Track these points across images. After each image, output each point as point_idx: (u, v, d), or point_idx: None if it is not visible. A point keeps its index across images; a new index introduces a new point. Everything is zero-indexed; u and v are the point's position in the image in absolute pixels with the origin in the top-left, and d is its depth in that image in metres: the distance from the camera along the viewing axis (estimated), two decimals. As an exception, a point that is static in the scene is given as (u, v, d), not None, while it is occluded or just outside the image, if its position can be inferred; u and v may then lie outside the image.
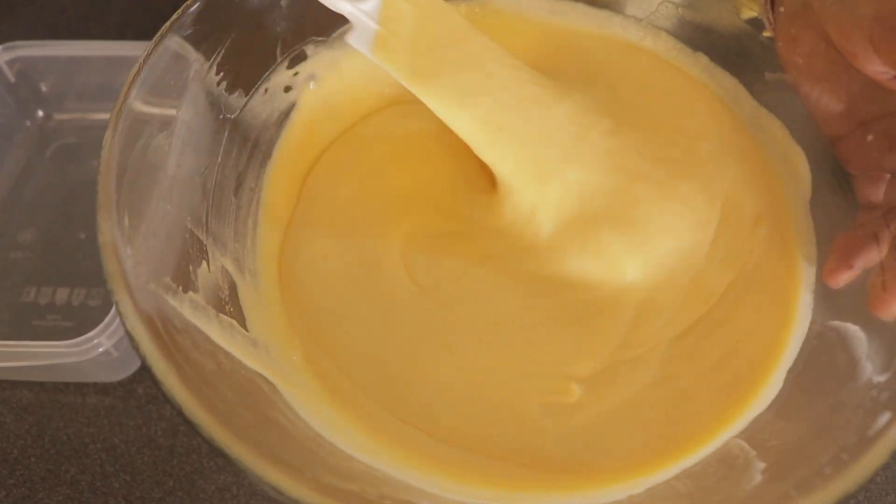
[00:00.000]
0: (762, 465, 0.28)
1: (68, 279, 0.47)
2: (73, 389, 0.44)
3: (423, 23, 0.35)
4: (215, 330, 0.31)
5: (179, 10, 0.35)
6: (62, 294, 0.47)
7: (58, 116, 0.55)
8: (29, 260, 0.49)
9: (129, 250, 0.28)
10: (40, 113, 0.55)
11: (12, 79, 0.52)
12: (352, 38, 0.34)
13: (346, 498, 0.24)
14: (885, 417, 0.26)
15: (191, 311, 0.30)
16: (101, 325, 0.40)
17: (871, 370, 0.29)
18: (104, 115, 0.54)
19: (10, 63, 0.51)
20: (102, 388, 0.44)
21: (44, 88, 0.54)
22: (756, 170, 0.38)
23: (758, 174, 0.38)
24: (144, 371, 0.43)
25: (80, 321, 0.46)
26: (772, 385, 0.32)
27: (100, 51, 0.51)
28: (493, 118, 0.35)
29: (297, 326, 0.35)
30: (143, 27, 0.60)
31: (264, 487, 0.24)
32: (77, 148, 0.54)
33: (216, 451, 0.24)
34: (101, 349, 0.40)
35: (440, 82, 0.35)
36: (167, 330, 0.27)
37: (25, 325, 0.46)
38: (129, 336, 0.26)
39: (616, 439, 0.32)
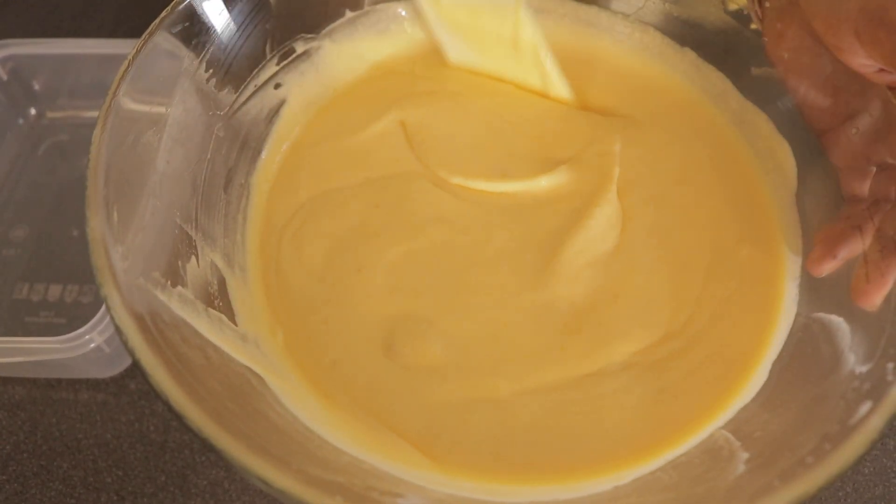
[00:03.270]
0: (746, 455, 0.28)
1: (61, 276, 0.48)
2: (65, 386, 0.44)
3: None
4: (204, 324, 0.31)
5: (168, 7, 0.35)
6: (55, 291, 0.47)
7: (50, 114, 0.55)
8: (21, 257, 0.49)
9: (118, 245, 0.28)
10: (33, 111, 0.55)
11: (5, 77, 0.52)
12: None
13: (333, 489, 0.24)
14: (866, 407, 0.26)
15: (179, 305, 0.30)
16: (93, 321, 0.40)
17: (853, 361, 0.29)
18: (96, 113, 0.54)
19: (3, 61, 0.51)
20: (94, 385, 0.44)
21: (36, 86, 0.54)
22: (741, 165, 0.39)
23: (742, 169, 0.39)
24: (137, 367, 0.44)
25: (72, 318, 0.46)
26: (757, 377, 0.33)
27: (93, 49, 0.51)
28: None
29: (280, 320, 0.35)
30: (136, 25, 0.60)
31: (251, 479, 0.24)
32: (69, 146, 0.54)
33: (204, 444, 0.24)
34: (92, 345, 0.40)
35: None
36: (156, 324, 0.27)
37: (18, 322, 0.46)
38: (118, 330, 0.26)
39: (602, 432, 0.32)
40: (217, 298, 0.34)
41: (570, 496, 0.30)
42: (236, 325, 0.34)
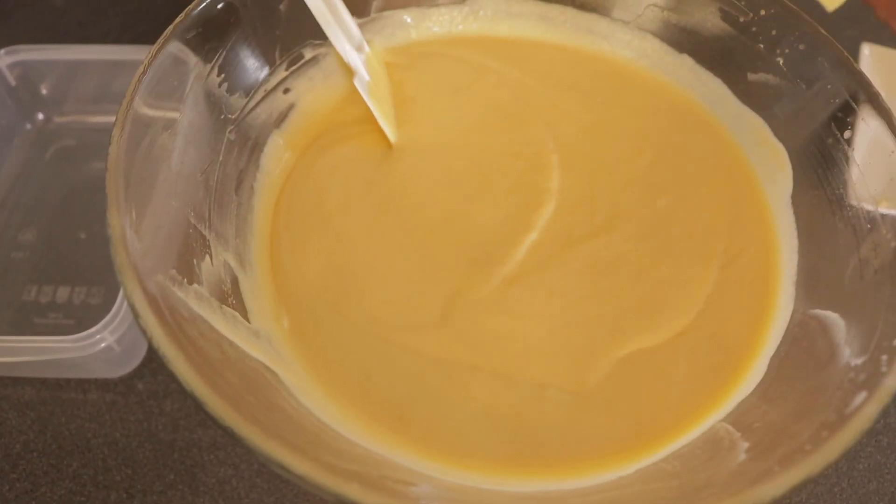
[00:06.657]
0: (746, 444, 0.29)
1: (69, 278, 0.48)
2: (74, 386, 0.45)
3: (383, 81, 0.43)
4: (219, 321, 0.32)
5: (182, 14, 0.36)
6: (63, 292, 0.48)
7: (57, 119, 0.56)
8: (29, 259, 0.49)
9: (138, 243, 0.29)
10: (40, 116, 0.55)
11: (13, 82, 0.53)
12: (355, 81, 0.42)
13: (349, 476, 0.25)
14: (861, 396, 0.27)
15: (196, 302, 0.31)
16: (105, 321, 0.41)
17: (849, 354, 0.30)
18: (102, 118, 0.55)
19: (11, 67, 0.52)
20: (103, 385, 0.45)
21: (44, 91, 0.55)
22: (738, 169, 0.40)
23: (743, 171, 0.40)
24: (145, 367, 0.45)
25: (80, 319, 0.46)
26: (756, 371, 0.34)
27: (100, 55, 0.52)
28: None
29: (286, 319, 0.36)
30: (142, 32, 0.61)
31: (271, 466, 0.24)
32: (76, 150, 0.55)
33: (225, 431, 0.25)
34: (103, 344, 0.41)
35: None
36: (175, 319, 0.28)
37: (27, 323, 0.47)
38: (141, 324, 0.27)
39: (607, 427, 0.33)
40: (230, 297, 0.35)
41: (576, 486, 0.31)
42: (249, 322, 0.34)
